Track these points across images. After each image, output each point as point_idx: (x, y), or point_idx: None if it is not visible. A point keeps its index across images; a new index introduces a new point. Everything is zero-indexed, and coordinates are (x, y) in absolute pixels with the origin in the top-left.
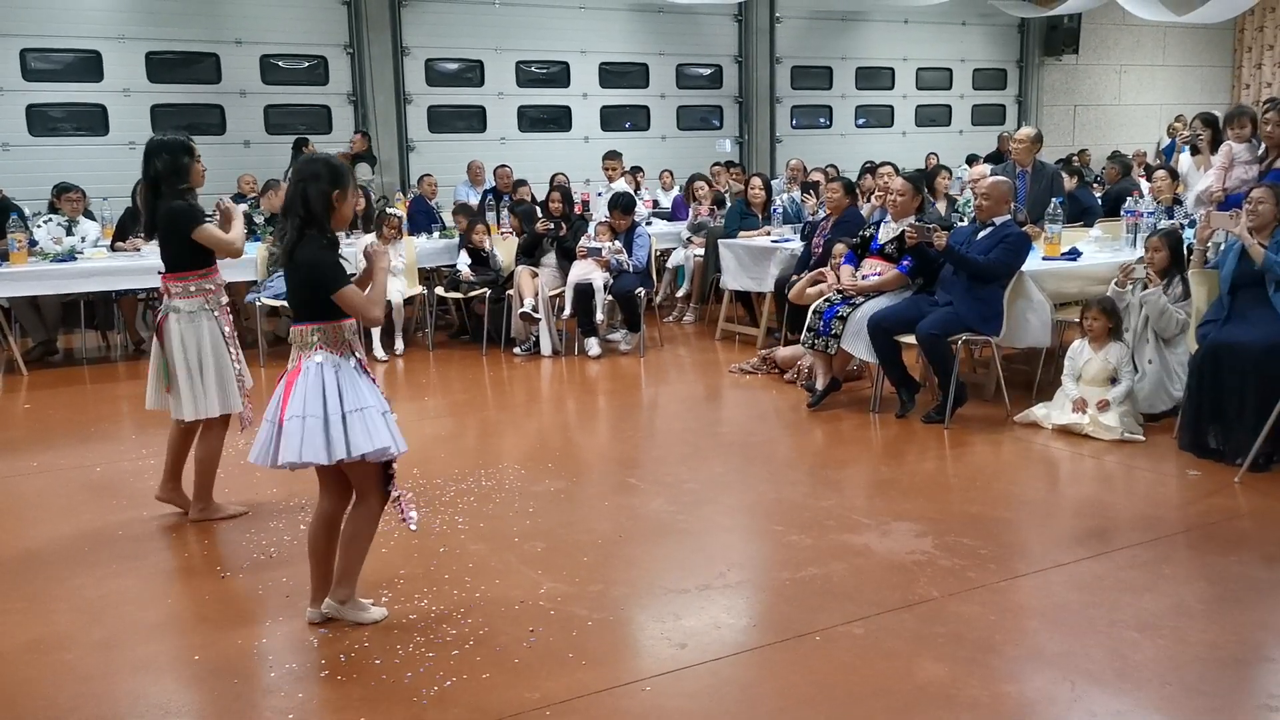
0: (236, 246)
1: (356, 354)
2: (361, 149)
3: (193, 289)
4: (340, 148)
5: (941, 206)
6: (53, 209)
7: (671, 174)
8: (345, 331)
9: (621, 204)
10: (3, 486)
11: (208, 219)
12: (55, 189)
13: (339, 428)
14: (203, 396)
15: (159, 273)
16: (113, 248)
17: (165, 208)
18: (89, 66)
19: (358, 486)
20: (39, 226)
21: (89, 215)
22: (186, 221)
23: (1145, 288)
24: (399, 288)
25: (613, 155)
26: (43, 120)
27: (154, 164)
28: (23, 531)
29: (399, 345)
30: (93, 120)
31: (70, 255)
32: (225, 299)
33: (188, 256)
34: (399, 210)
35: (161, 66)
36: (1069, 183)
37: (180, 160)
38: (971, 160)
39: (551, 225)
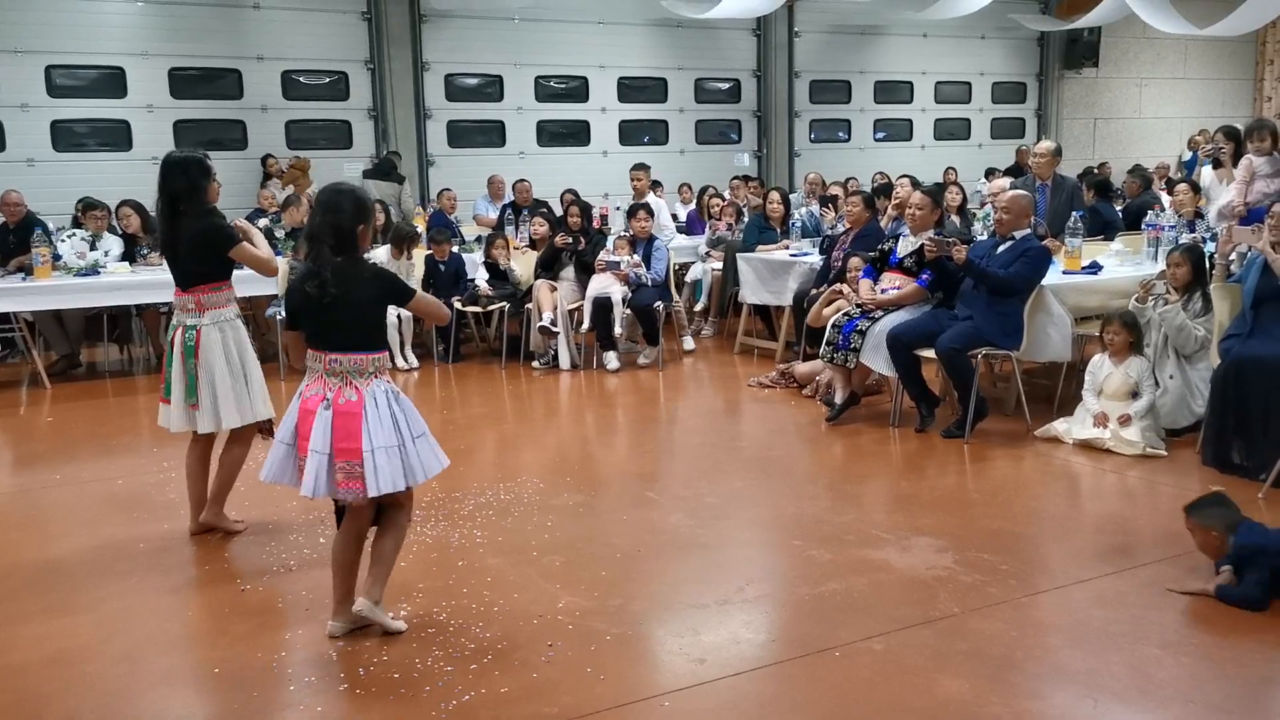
0: (274, 265)
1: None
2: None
3: (224, 299)
4: (359, 163)
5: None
6: (76, 224)
7: (690, 187)
8: (387, 362)
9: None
10: (26, 499)
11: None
12: (81, 204)
13: (414, 454)
14: (247, 400)
15: (179, 289)
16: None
17: (199, 225)
18: (113, 83)
19: (394, 506)
20: (63, 241)
21: (112, 230)
22: (225, 241)
23: (1165, 303)
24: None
25: (640, 167)
26: (67, 136)
27: (174, 182)
28: (45, 544)
29: (411, 359)
30: (116, 136)
31: (93, 270)
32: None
33: (220, 268)
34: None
35: (184, 82)
36: (1089, 195)
37: (199, 181)
38: (990, 174)
39: (570, 239)
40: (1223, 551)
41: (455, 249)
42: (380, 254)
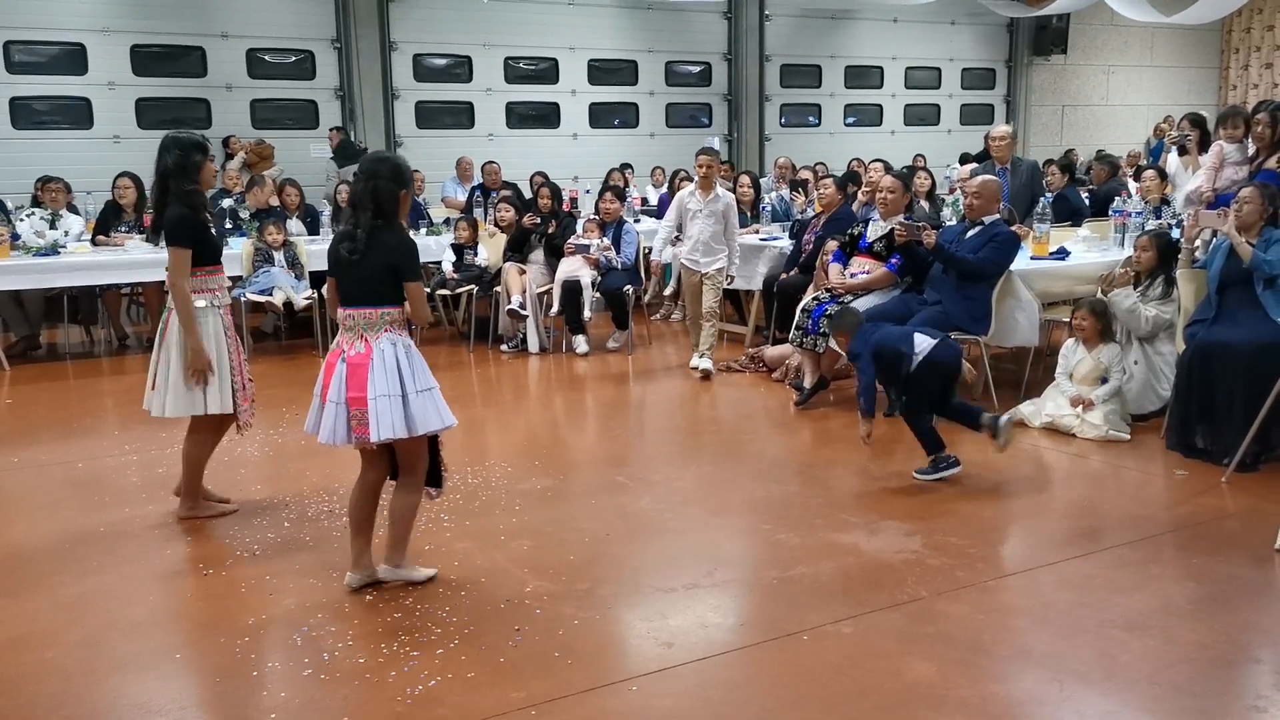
0: (180, 292)
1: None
2: (336, 143)
3: (196, 285)
4: (325, 144)
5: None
6: (36, 202)
7: (663, 171)
8: (404, 315)
9: None
10: None
11: (210, 226)
12: (38, 180)
13: (415, 405)
14: (199, 394)
15: (166, 269)
16: (94, 242)
17: (171, 210)
18: (73, 59)
19: (407, 460)
20: (21, 220)
21: (72, 209)
22: (174, 235)
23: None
24: None
25: (708, 151)
26: (26, 113)
27: (165, 159)
28: (4, 528)
29: None
30: (77, 114)
31: (53, 249)
32: (228, 299)
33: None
34: None
35: (146, 60)
36: (1058, 178)
37: (191, 158)
38: (965, 159)
39: (538, 220)
40: (845, 345)
41: (425, 230)
42: None
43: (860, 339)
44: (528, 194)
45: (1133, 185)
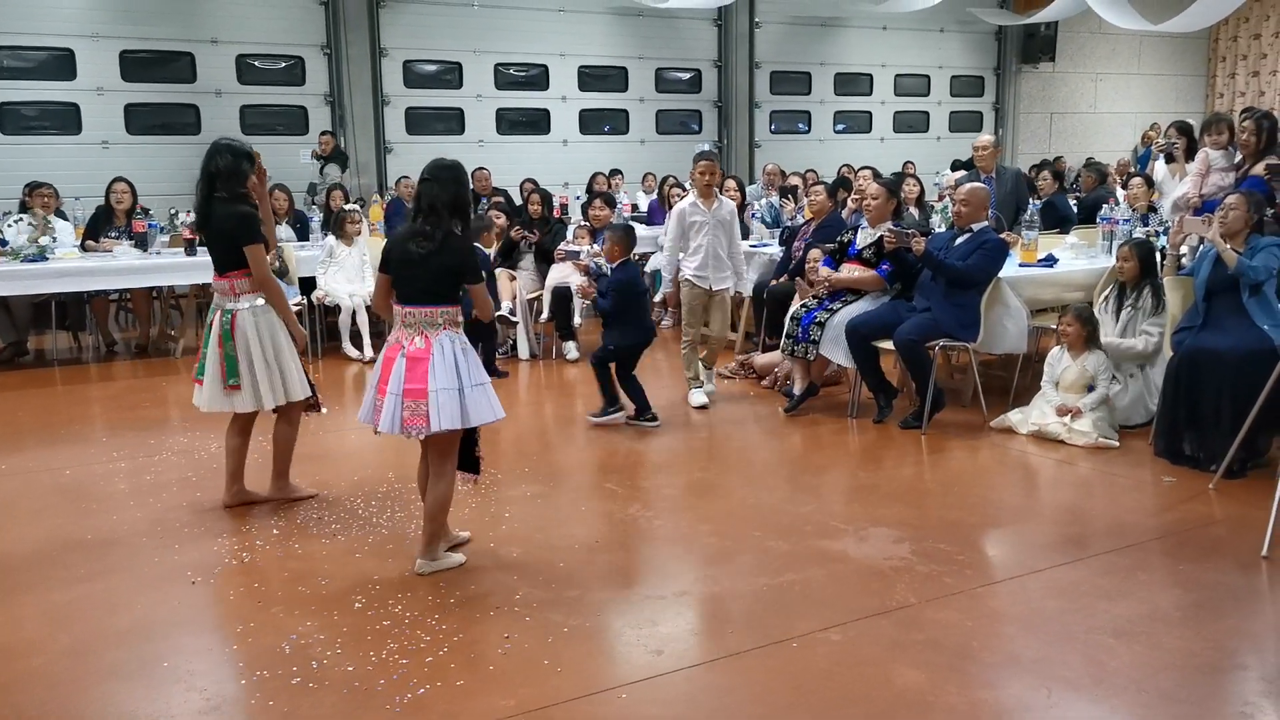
0: (271, 285)
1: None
2: (329, 149)
3: (253, 286)
4: (315, 148)
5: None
6: (24, 208)
7: (654, 176)
8: (459, 315)
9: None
10: None
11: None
12: (27, 186)
13: (470, 399)
14: (291, 382)
15: (216, 274)
16: (83, 247)
17: (227, 211)
18: (62, 65)
19: (440, 455)
20: (10, 226)
21: (61, 215)
22: (244, 233)
23: (1121, 299)
24: (360, 289)
25: (706, 157)
26: (15, 119)
27: (215, 162)
28: None
29: (368, 350)
30: (65, 119)
31: (41, 255)
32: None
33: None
34: (356, 207)
35: (136, 65)
36: (1049, 184)
37: (241, 165)
38: (956, 165)
39: (526, 233)
40: (614, 256)
41: None
42: (331, 241)
43: (629, 271)
44: (518, 200)
45: (1121, 193)
